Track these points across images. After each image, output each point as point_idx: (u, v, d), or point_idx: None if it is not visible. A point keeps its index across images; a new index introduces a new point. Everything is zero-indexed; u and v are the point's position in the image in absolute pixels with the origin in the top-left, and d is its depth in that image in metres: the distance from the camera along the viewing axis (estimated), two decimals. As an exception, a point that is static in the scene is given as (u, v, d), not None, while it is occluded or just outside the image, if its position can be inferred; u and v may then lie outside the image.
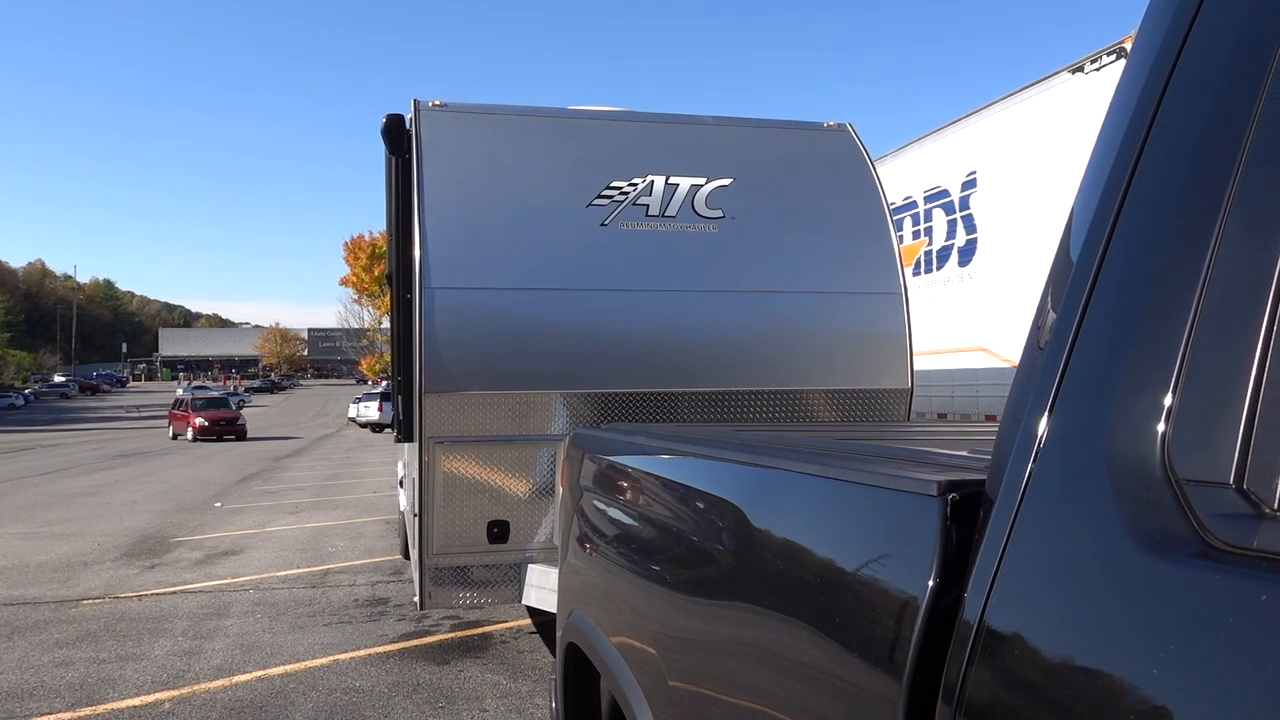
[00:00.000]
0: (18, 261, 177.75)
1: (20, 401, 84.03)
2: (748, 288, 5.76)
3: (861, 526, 1.27)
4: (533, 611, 7.16)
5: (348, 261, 70.49)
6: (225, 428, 36.74)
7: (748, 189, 5.99)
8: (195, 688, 5.60)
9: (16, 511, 14.67)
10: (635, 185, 5.78)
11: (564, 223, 5.68)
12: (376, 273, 66.88)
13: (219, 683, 5.69)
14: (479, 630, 6.83)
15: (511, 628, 6.88)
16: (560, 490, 3.02)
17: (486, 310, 5.40)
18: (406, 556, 9.50)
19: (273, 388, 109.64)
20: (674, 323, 5.66)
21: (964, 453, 1.46)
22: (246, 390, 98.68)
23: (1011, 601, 0.94)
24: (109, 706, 5.29)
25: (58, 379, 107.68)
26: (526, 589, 5.38)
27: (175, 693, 5.51)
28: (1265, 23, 0.87)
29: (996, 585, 0.95)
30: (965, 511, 1.05)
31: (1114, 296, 0.95)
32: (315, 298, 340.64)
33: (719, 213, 5.85)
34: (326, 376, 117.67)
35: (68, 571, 9.44)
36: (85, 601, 8.03)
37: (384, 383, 59.83)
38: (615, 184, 5.76)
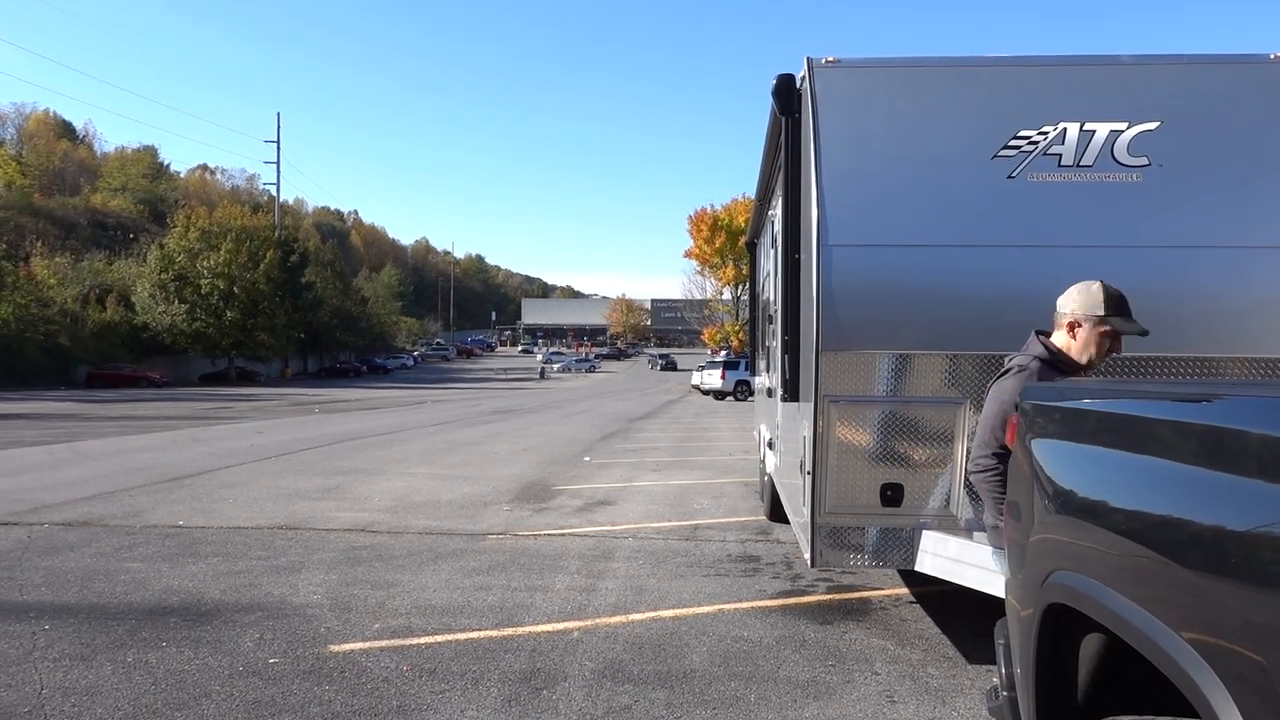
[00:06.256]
0: (406, 239, 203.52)
1: (410, 362, 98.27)
2: (1183, 243, 5.15)
3: None
4: (909, 580, 6.99)
5: (691, 234, 72.75)
6: None
7: (1178, 133, 5.34)
8: (598, 620, 6.03)
9: (422, 456, 16.74)
10: (1045, 134, 5.35)
11: (967, 176, 5.39)
12: (718, 244, 68.68)
13: (617, 619, 6.08)
14: (856, 595, 6.76)
15: (890, 595, 6.74)
16: (1014, 450, 2.84)
17: (885, 268, 5.25)
18: (772, 518, 9.66)
19: (620, 355, 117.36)
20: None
21: None
22: (596, 356, 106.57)
23: None
24: (526, 629, 5.83)
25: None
26: (921, 555, 5.21)
27: (581, 623, 5.97)
28: None
29: None
30: None
31: None
32: (658, 269, 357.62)
33: (1144, 160, 5.28)
34: (668, 346, 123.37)
35: (471, 509, 10.59)
36: (490, 536, 8.96)
37: (722, 353, 61.40)
38: (1023, 133, 5.37)
